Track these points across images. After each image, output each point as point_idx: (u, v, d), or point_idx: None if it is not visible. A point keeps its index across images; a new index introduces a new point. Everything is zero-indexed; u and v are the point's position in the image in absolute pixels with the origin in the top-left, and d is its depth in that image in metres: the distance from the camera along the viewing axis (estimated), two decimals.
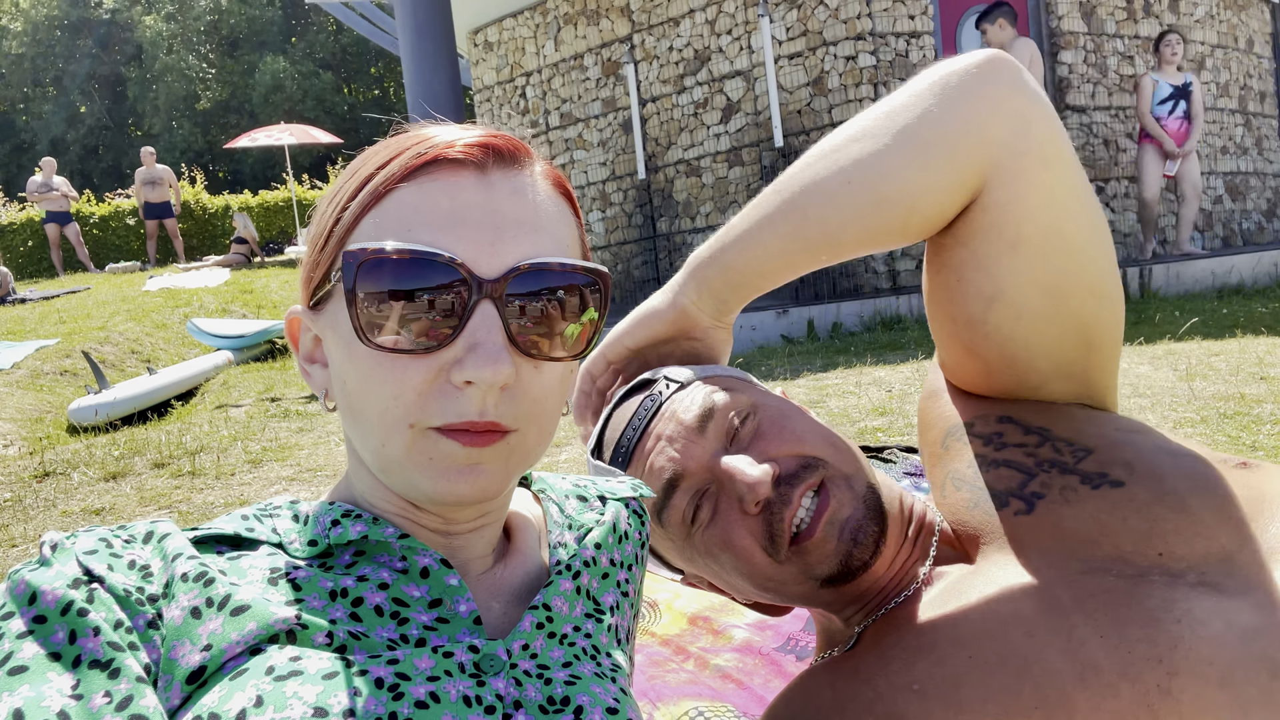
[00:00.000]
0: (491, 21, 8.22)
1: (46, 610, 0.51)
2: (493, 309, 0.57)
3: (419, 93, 5.69)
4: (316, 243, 0.62)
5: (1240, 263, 6.07)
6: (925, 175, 0.80)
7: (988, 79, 0.80)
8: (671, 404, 0.83)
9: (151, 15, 26.99)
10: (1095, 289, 0.84)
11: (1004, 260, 0.81)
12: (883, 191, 0.81)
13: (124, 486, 3.14)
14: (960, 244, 0.83)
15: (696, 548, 0.82)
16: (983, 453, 0.85)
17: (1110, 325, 0.86)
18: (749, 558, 0.79)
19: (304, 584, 0.59)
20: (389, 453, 0.58)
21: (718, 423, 0.81)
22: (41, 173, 12.38)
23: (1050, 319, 0.83)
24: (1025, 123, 0.80)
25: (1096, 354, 0.87)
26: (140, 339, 7.51)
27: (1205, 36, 7.60)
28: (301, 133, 14.35)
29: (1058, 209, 0.81)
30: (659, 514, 0.82)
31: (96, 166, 27.19)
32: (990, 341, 0.85)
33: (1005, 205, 0.80)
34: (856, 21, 6.05)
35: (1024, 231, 0.81)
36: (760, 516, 0.78)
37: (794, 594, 0.83)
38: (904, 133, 0.80)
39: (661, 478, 0.80)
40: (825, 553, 0.77)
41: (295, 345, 0.66)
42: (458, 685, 0.56)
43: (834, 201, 0.82)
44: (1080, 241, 0.83)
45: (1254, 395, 2.62)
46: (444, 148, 0.59)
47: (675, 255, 7.26)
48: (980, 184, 0.81)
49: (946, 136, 0.79)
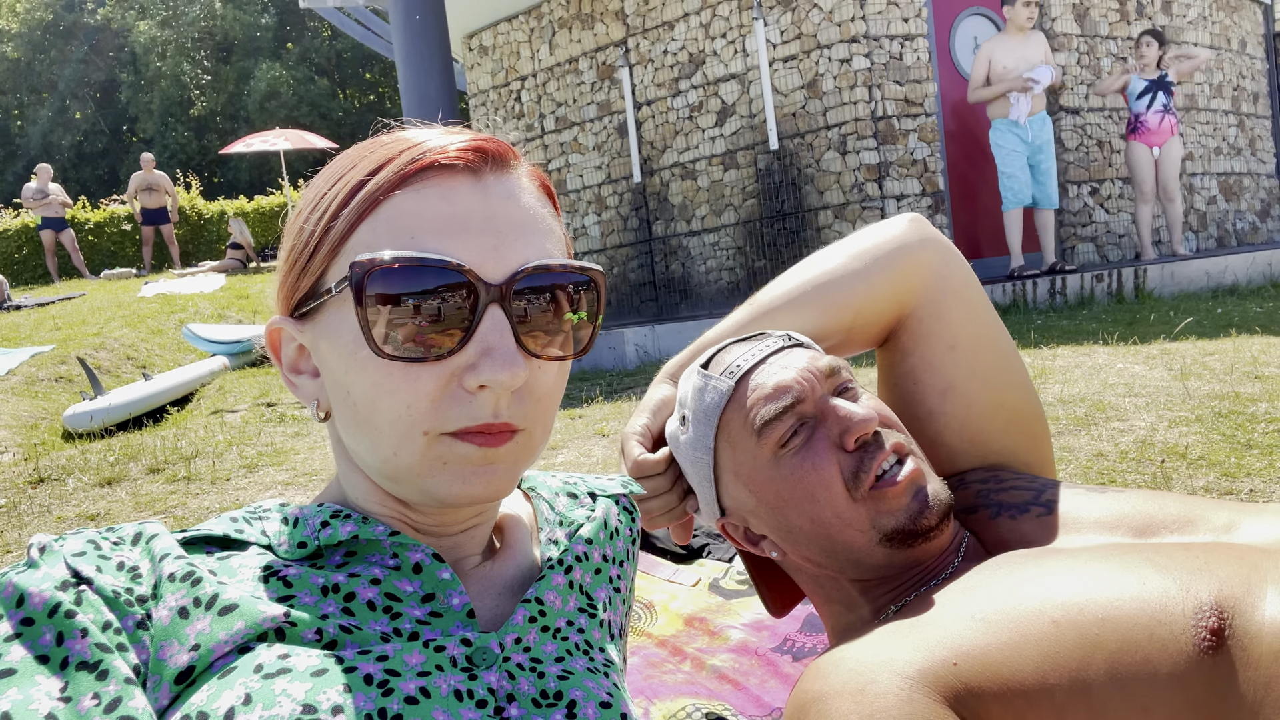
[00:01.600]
0: (486, 26, 8.22)
1: (34, 612, 0.50)
2: (501, 313, 0.57)
3: (414, 97, 5.68)
4: (302, 252, 0.61)
5: (1234, 263, 6.09)
6: (868, 286, 1.00)
7: (914, 229, 1.02)
8: (795, 352, 0.91)
9: (145, 21, 26.96)
10: (1021, 384, 1.03)
11: (948, 358, 1.00)
12: (834, 297, 1.00)
13: (119, 492, 3.13)
14: (908, 353, 1.02)
15: (780, 469, 0.87)
16: (985, 489, 0.96)
17: (1042, 420, 1.05)
18: (829, 487, 0.84)
19: (295, 581, 0.58)
20: (401, 460, 0.58)
21: (835, 377, 0.89)
22: (37, 179, 12.35)
23: (996, 408, 1.01)
24: (945, 255, 1.02)
25: (1039, 446, 1.04)
26: (136, 345, 7.49)
27: (1198, 38, 7.63)
28: (297, 138, 14.31)
29: (981, 319, 1.02)
30: (764, 426, 0.86)
31: (91, 173, 27.14)
32: (951, 428, 1.01)
33: (939, 316, 1.01)
34: (850, 24, 6.06)
35: (958, 335, 1.00)
36: (853, 454, 0.84)
37: (848, 544, 0.86)
38: (853, 258, 1.01)
39: (787, 393, 0.86)
40: (899, 505, 0.83)
41: (277, 356, 0.65)
42: (449, 680, 0.56)
43: (795, 306, 1.00)
44: (1001, 345, 1.02)
45: (1249, 394, 2.63)
46: (438, 153, 0.59)
47: (671, 258, 7.26)
48: (913, 300, 1.01)
49: (886, 259, 1.00)
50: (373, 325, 0.56)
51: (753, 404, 0.87)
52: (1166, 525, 0.82)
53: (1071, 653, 0.66)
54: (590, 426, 3.45)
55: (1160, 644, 0.64)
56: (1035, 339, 4.16)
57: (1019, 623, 0.69)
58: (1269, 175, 8.49)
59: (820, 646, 1.35)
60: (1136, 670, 0.64)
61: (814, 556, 0.89)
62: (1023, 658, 0.67)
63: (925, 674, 0.69)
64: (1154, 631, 0.65)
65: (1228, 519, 0.80)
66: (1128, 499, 0.86)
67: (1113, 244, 7.00)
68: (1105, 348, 3.77)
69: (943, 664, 0.69)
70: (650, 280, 7.42)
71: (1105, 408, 2.66)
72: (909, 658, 0.70)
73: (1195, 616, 0.65)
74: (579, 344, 0.63)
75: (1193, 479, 2.01)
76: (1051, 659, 0.66)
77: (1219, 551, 0.70)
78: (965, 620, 0.72)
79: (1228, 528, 0.79)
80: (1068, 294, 5.63)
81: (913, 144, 6.18)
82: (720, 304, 6.94)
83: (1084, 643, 0.66)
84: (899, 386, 1.04)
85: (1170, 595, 0.66)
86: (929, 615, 0.75)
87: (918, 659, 0.70)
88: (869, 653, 0.73)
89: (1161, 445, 2.25)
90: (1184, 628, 0.64)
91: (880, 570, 0.87)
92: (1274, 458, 2.06)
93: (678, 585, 1.66)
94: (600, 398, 4.19)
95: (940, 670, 0.69)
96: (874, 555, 0.86)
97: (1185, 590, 0.66)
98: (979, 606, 0.72)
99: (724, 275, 6.93)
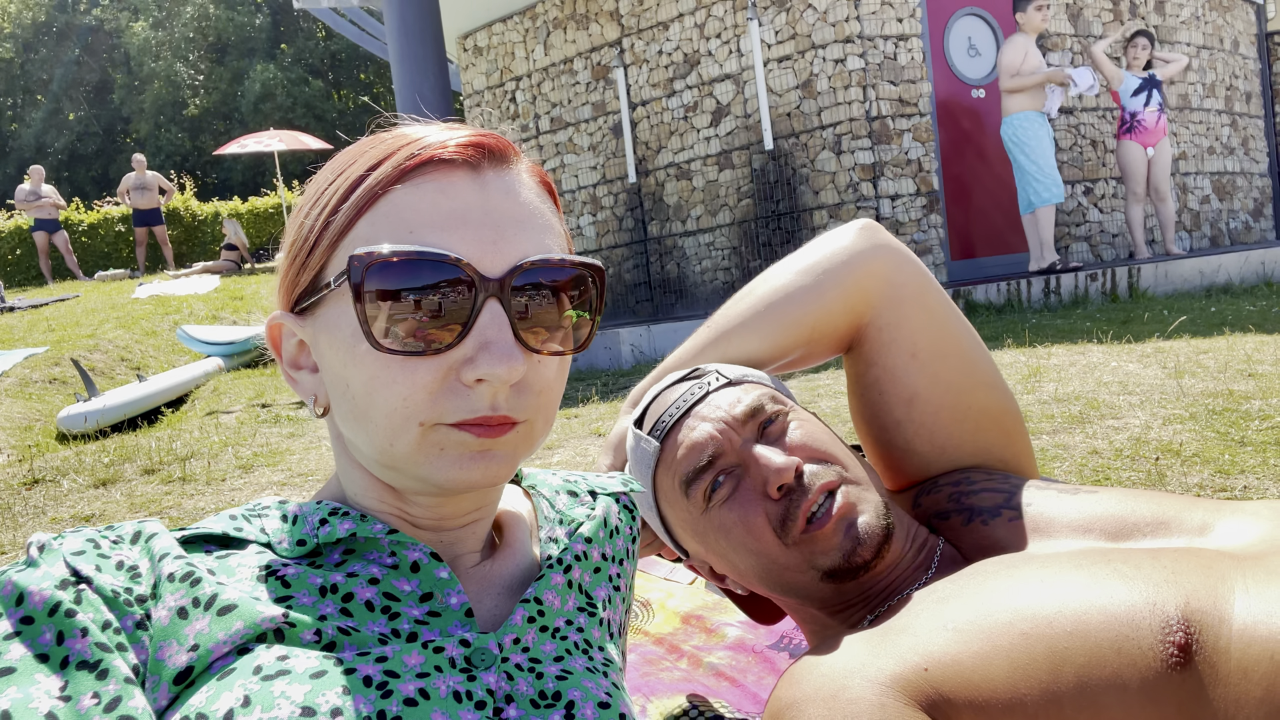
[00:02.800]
0: (481, 26, 8.21)
1: (34, 611, 0.50)
2: (500, 307, 0.57)
3: (409, 98, 5.68)
4: (302, 246, 0.61)
5: (1228, 262, 6.11)
6: (821, 300, 0.99)
7: (863, 238, 1.01)
8: (719, 395, 0.91)
9: (139, 21, 26.88)
10: (990, 383, 1.02)
11: (910, 366, 0.99)
12: (788, 315, 1.00)
13: (114, 493, 3.12)
14: (871, 364, 1.01)
15: (711, 522, 0.88)
16: (956, 492, 0.95)
17: (1015, 415, 1.04)
18: (760, 536, 0.84)
19: (293, 581, 0.58)
20: (397, 450, 0.58)
21: (756, 418, 0.88)
22: (30, 180, 12.31)
23: (964, 411, 1.00)
24: (899, 262, 1.00)
25: (1014, 442, 1.03)
26: (130, 346, 7.47)
27: (1191, 37, 7.65)
28: (291, 139, 14.28)
29: (941, 323, 1.00)
30: (688, 485, 0.87)
31: (85, 174, 27.05)
32: (920, 436, 1.00)
33: (897, 325, 1.00)
34: (845, 24, 6.07)
35: (919, 342, 0.99)
36: (779, 501, 0.84)
37: (793, 584, 0.86)
38: (804, 273, 1.01)
39: (702, 452, 0.87)
40: (831, 545, 0.83)
41: (278, 352, 0.65)
42: (447, 681, 0.56)
43: (750, 327, 1.01)
44: (965, 347, 1.01)
45: (1242, 391, 2.64)
46: (437, 148, 0.59)
47: (666, 258, 7.26)
48: (868, 310, 1.00)
49: (837, 271, 1.00)
50: (371, 319, 0.56)
51: (676, 463, 0.88)
52: (1140, 528, 0.81)
53: (1041, 665, 0.65)
54: (586, 426, 3.45)
55: (1128, 659, 0.64)
56: (1030, 338, 4.17)
57: (990, 634, 0.68)
58: (1262, 175, 8.52)
59: None
60: (1106, 684, 0.64)
61: (773, 592, 0.91)
62: (994, 668, 0.67)
63: (898, 679, 0.69)
64: (1121, 646, 0.64)
65: (1202, 520, 0.79)
66: (1100, 500, 0.85)
67: (1106, 243, 7.01)
68: (1100, 346, 3.78)
69: (914, 669, 0.69)
70: (646, 280, 7.42)
71: (1100, 406, 2.67)
72: (881, 664, 0.70)
73: (1162, 631, 0.64)
74: (578, 339, 0.63)
75: (1187, 476, 2.02)
76: (1022, 670, 0.66)
77: (1187, 560, 0.69)
78: (938, 630, 0.71)
79: (1201, 529, 0.78)
80: (1062, 293, 5.65)
81: (907, 144, 6.19)
82: (715, 304, 6.92)
83: (1053, 656, 0.66)
84: (865, 397, 1.03)
85: (1136, 609, 0.66)
86: (902, 623, 0.75)
87: (890, 665, 0.70)
88: (841, 659, 0.73)
89: (1156, 443, 2.26)
90: (1151, 643, 0.64)
91: (836, 599, 0.88)
92: (1267, 455, 2.07)
93: (674, 583, 1.66)
94: (596, 397, 4.19)
95: (912, 676, 0.69)
96: (821, 590, 0.86)
97: (1151, 604, 0.65)
98: (951, 616, 0.72)
99: (719, 275, 6.93)
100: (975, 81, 6.54)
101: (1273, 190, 8.71)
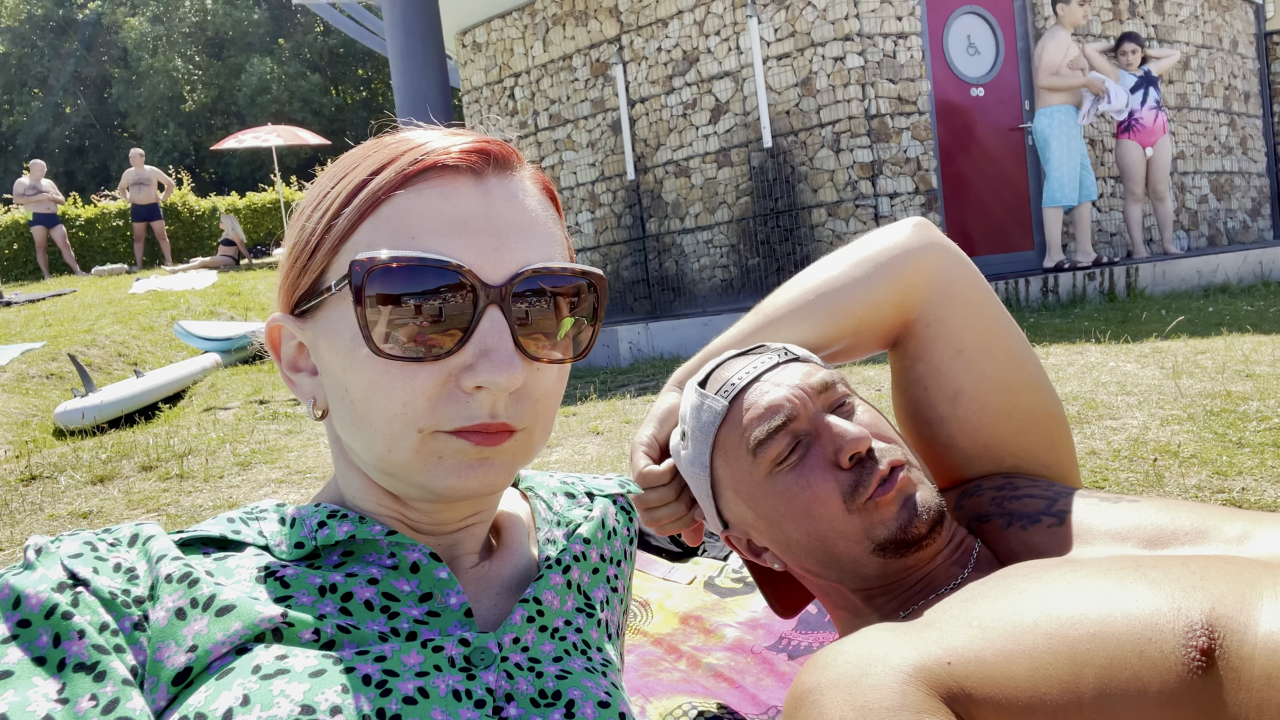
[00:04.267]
0: (480, 22, 8.20)
1: (31, 614, 0.50)
2: (500, 314, 0.57)
3: (407, 94, 5.67)
4: (304, 249, 0.61)
5: (1225, 261, 6.12)
6: (870, 293, 1.00)
7: (917, 235, 1.01)
8: (791, 366, 0.92)
9: (137, 17, 26.82)
10: (1037, 385, 1.02)
11: (956, 363, 1.00)
12: (837, 305, 1.00)
13: (111, 490, 3.12)
14: (917, 359, 1.02)
15: (775, 486, 0.88)
16: (999, 496, 0.95)
17: (1061, 420, 1.03)
18: (825, 502, 0.85)
19: (292, 581, 0.58)
20: (396, 457, 0.58)
21: (829, 393, 0.90)
22: (29, 175, 12.28)
23: (1009, 411, 1.00)
24: (950, 260, 1.01)
25: (1057, 446, 1.03)
26: (127, 342, 7.46)
27: (1190, 37, 7.66)
28: (289, 134, 14.27)
29: (988, 322, 1.01)
30: (758, 445, 0.87)
31: (82, 168, 27.01)
32: (964, 433, 1.01)
33: (944, 321, 1.00)
34: (844, 22, 6.06)
35: (965, 339, 1.00)
36: (849, 470, 0.86)
37: (843, 555, 0.87)
38: (855, 265, 1.02)
39: (778, 412, 0.87)
40: (889, 514, 0.84)
41: (277, 354, 0.65)
42: (447, 680, 0.56)
43: (799, 315, 1.01)
44: (1013, 347, 1.02)
45: (1240, 392, 2.64)
46: (440, 154, 0.59)
47: (664, 256, 7.26)
48: (917, 305, 1.01)
49: (889, 265, 1.00)
50: (371, 324, 0.55)
51: (747, 423, 0.88)
52: (1178, 537, 0.81)
53: (1063, 666, 0.66)
54: (584, 424, 3.45)
55: (1150, 662, 0.64)
56: (1028, 337, 4.18)
57: (1014, 633, 0.69)
58: (1260, 174, 8.53)
59: (816, 645, 1.35)
60: (1126, 687, 0.64)
61: (813, 568, 0.91)
62: (1016, 667, 0.67)
63: (920, 669, 0.69)
64: (1143, 649, 0.65)
65: (1241, 530, 0.79)
66: (1141, 510, 0.85)
67: (1104, 242, 7.02)
68: (1097, 346, 3.79)
69: (938, 662, 0.69)
70: (644, 278, 7.42)
71: (1097, 406, 2.67)
72: (905, 653, 0.71)
73: (1185, 636, 0.64)
74: (578, 347, 0.63)
75: (1185, 477, 2.02)
76: (1044, 670, 0.66)
77: (1217, 567, 0.70)
78: (962, 626, 0.72)
79: (1240, 539, 0.78)
80: (1060, 293, 5.65)
81: (906, 142, 6.19)
82: (714, 302, 6.94)
83: (1075, 657, 0.66)
84: (910, 392, 1.04)
85: (1161, 613, 0.66)
86: (930, 618, 0.76)
87: (913, 655, 0.70)
88: (865, 647, 0.73)
89: (1154, 443, 2.26)
90: (1174, 647, 0.64)
91: (877, 580, 0.88)
92: (1265, 456, 2.07)
93: (673, 583, 1.66)
94: (594, 395, 4.18)
95: (935, 667, 0.69)
96: (869, 565, 0.87)
97: (1176, 608, 0.66)
98: (977, 614, 0.73)
99: (718, 273, 6.93)
100: (974, 80, 6.54)
101: (1270, 190, 8.72)
